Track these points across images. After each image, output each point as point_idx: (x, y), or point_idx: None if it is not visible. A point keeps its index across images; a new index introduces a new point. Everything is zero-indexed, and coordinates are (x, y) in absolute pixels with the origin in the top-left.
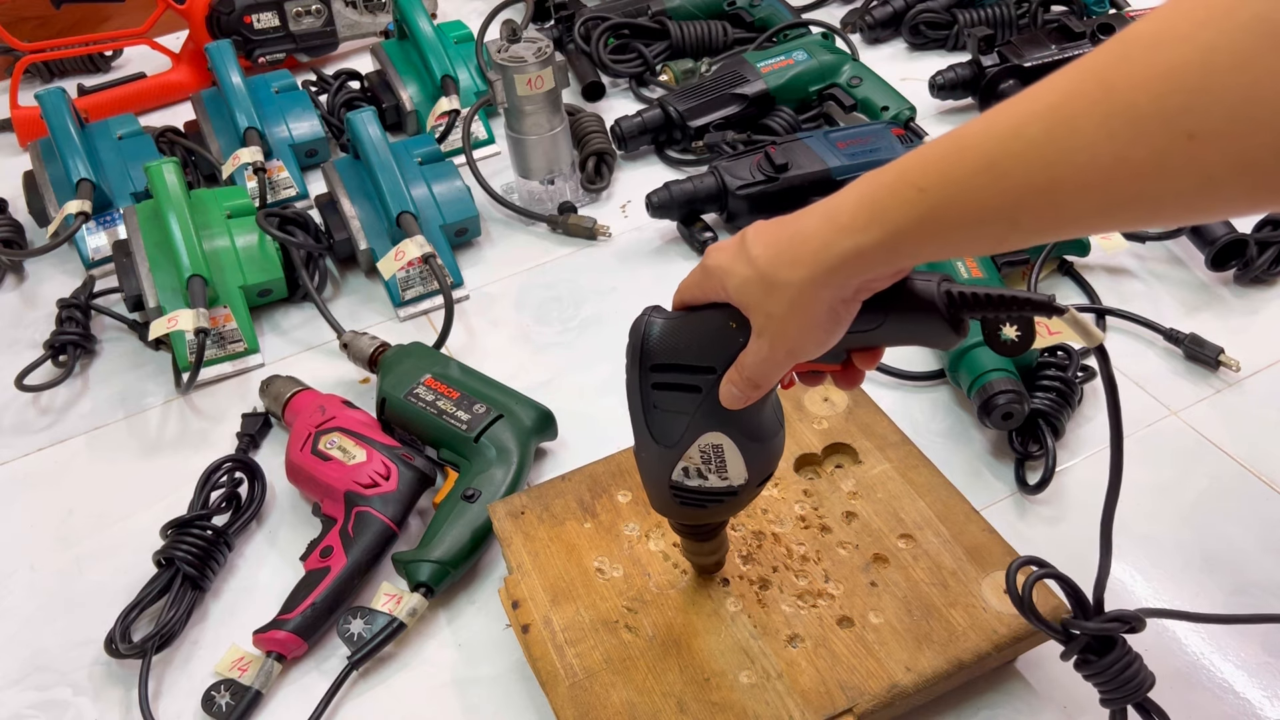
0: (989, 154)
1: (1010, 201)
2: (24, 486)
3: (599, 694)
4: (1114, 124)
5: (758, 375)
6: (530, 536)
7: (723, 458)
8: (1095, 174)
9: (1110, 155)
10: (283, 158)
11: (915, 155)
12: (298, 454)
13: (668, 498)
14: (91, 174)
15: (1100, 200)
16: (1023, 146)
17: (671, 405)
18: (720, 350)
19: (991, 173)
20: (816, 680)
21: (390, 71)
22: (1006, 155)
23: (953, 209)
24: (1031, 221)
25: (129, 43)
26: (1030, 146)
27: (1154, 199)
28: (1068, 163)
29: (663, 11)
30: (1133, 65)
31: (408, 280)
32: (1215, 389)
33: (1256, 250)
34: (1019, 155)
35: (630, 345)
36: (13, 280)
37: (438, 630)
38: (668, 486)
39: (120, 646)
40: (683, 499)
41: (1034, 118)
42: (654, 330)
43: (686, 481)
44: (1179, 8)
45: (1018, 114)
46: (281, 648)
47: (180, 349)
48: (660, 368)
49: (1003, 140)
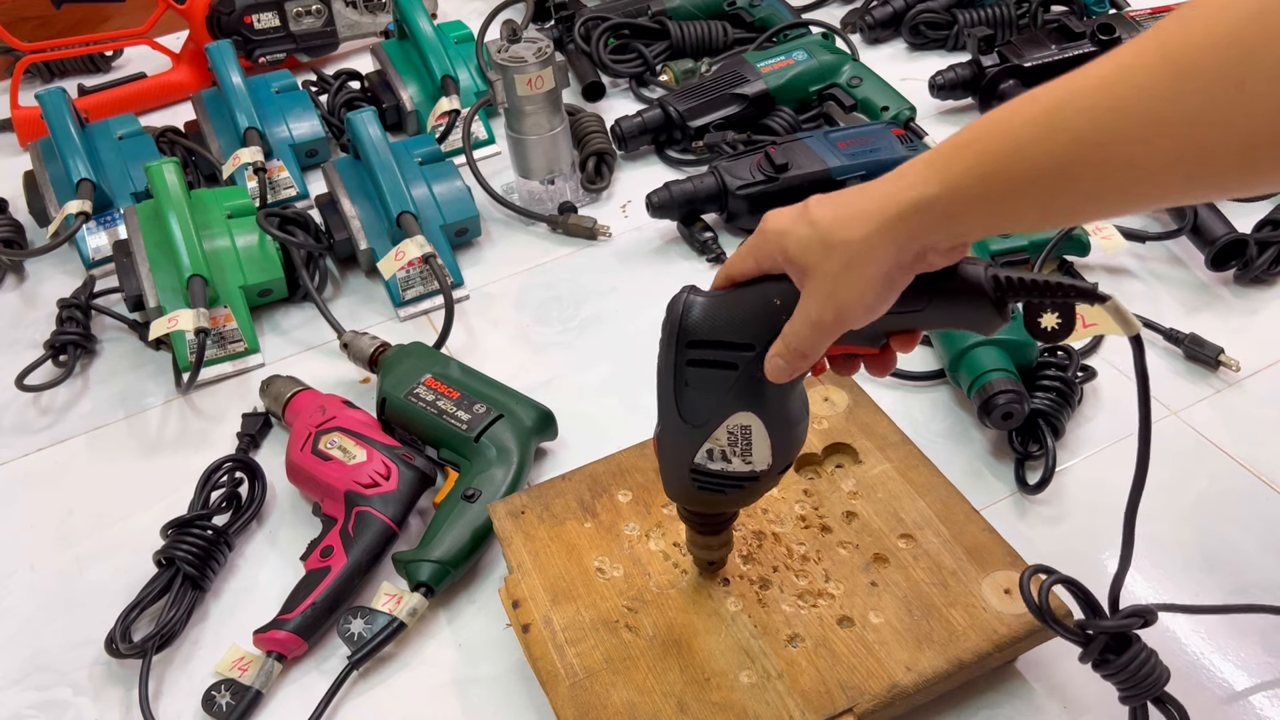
0: (1046, 113)
1: (1065, 158)
2: (24, 486)
3: (599, 694)
4: (1170, 76)
5: (805, 343)
6: (530, 536)
7: (749, 440)
8: (1149, 126)
9: (1165, 104)
10: (283, 158)
11: (978, 121)
12: (298, 454)
13: (687, 482)
14: (92, 174)
15: (1153, 156)
16: (1079, 103)
17: (705, 384)
18: (761, 327)
19: (1048, 128)
20: (817, 680)
21: (390, 71)
22: (1062, 112)
23: (1010, 166)
24: (1086, 180)
25: (129, 43)
26: (1086, 102)
27: (1204, 152)
28: (1123, 112)
29: (663, 11)
30: (1190, 28)
31: (408, 280)
32: (1215, 389)
33: (1256, 250)
34: (1075, 111)
35: (667, 322)
36: (13, 280)
37: (438, 630)
38: (689, 470)
39: (120, 646)
40: (702, 483)
41: (1090, 78)
42: (694, 307)
43: (709, 464)
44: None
45: (1074, 79)
46: (282, 647)
47: (180, 349)
48: (697, 344)
49: (1059, 101)
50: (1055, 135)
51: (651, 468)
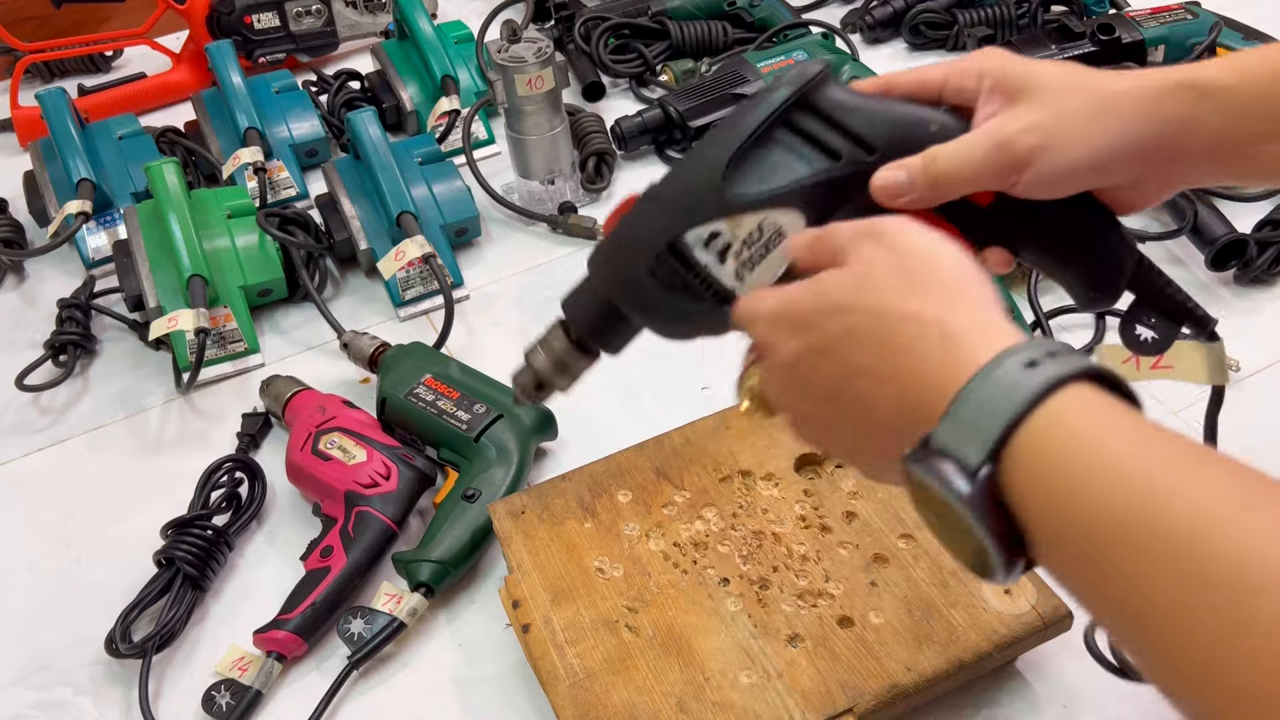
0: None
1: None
2: (24, 487)
3: (599, 694)
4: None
5: (955, 164)
6: (530, 536)
7: (767, 251)
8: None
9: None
10: (283, 158)
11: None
12: (298, 454)
13: (641, 263)
14: (92, 174)
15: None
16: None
17: (788, 155)
18: (898, 139)
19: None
20: (817, 680)
21: (390, 71)
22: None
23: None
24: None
25: (129, 43)
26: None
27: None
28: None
29: (663, 12)
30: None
31: (408, 280)
32: None
33: (1256, 250)
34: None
35: (794, 74)
36: (13, 280)
37: (438, 630)
38: (665, 243)
39: (120, 646)
40: (662, 272)
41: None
42: (832, 81)
43: (697, 251)
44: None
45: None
46: (282, 647)
47: (180, 349)
48: (816, 114)
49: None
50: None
51: (652, 468)
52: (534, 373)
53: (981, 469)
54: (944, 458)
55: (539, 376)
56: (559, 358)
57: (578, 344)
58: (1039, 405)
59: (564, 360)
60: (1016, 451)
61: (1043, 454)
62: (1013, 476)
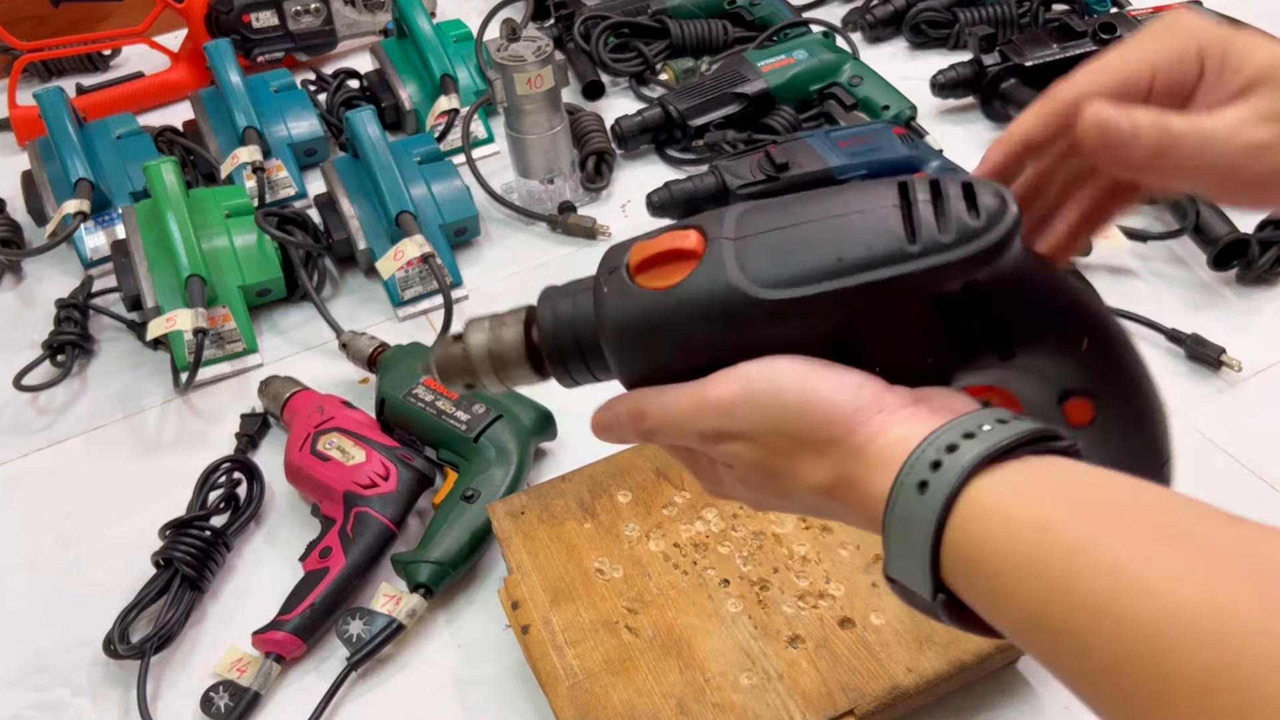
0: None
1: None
2: (22, 487)
3: (599, 695)
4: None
5: (1196, 143)
6: (530, 537)
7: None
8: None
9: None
10: (281, 157)
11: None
12: (296, 454)
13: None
14: (90, 173)
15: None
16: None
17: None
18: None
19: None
20: (818, 681)
21: (389, 70)
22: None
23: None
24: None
25: (127, 42)
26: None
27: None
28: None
29: (663, 10)
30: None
31: (407, 280)
32: (1217, 389)
33: (1258, 250)
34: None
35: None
36: (11, 280)
37: (437, 631)
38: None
39: (119, 647)
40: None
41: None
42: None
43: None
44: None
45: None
46: (280, 649)
47: (179, 349)
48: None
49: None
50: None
51: (653, 468)
52: (465, 354)
53: (936, 596)
54: (904, 586)
55: (467, 361)
56: (503, 354)
57: (531, 355)
58: (944, 534)
59: (506, 361)
60: (949, 573)
61: (964, 572)
62: (958, 589)
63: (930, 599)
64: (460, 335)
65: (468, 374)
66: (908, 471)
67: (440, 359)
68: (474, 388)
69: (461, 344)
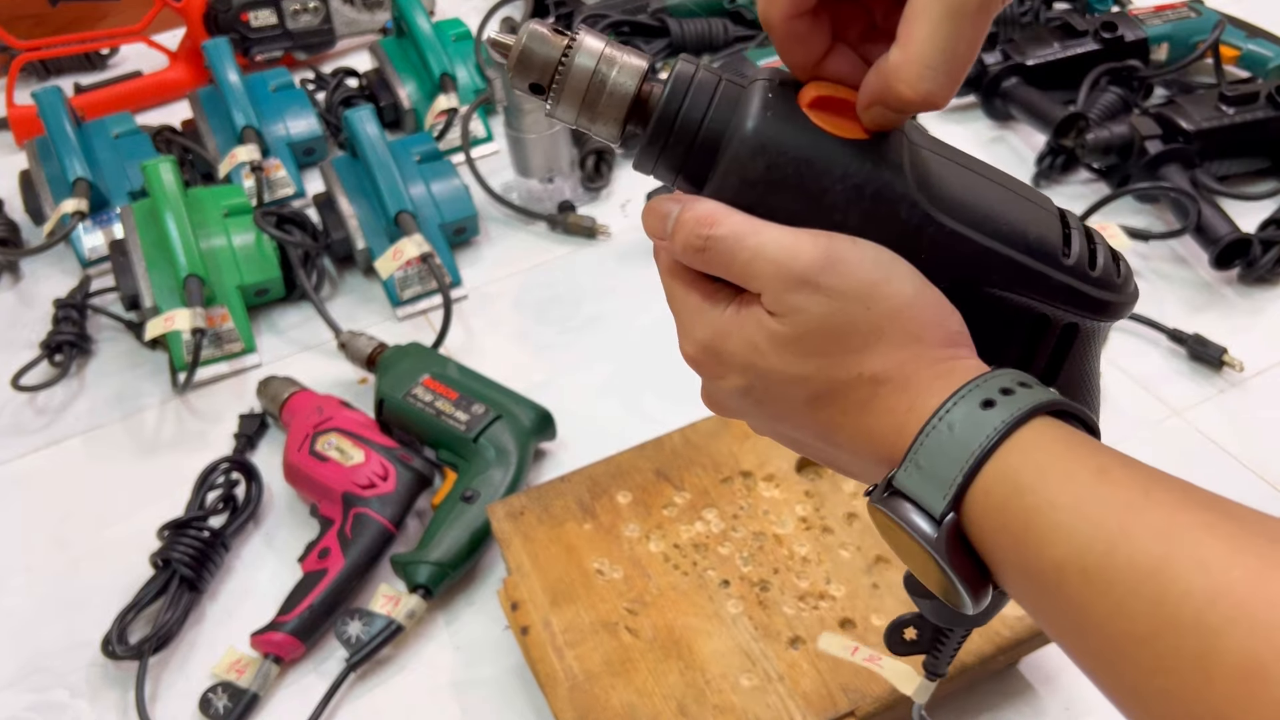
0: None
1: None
2: (20, 488)
3: (599, 696)
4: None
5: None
6: (529, 538)
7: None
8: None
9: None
10: (280, 156)
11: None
12: (295, 455)
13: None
14: (88, 173)
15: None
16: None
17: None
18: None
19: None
20: (818, 683)
21: (388, 69)
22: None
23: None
24: None
25: (125, 40)
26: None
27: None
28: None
29: (663, 9)
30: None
31: (406, 280)
32: (1219, 389)
33: (1260, 249)
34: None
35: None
36: (8, 280)
37: (436, 632)
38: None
39: (117, 648)
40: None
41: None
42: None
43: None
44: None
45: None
46: (279, 650)
47: (177, 349)
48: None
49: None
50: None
51: (652, 469)
52: (568, 58)
53: (946, 516)
54: (907, 500)
55: (562, 66)
56: (608, 83)
57: (634, 106)
58: (997, 449)
59: (604, 92)
60: (977, 494)
61: (1003, 496)
62: (973, 518)
63: (937, 518)
64: (567, 32)
65: (549, 78)
66: (975, 387)
67: (533, 48)
68: (537, 91)
69: (570, 44)
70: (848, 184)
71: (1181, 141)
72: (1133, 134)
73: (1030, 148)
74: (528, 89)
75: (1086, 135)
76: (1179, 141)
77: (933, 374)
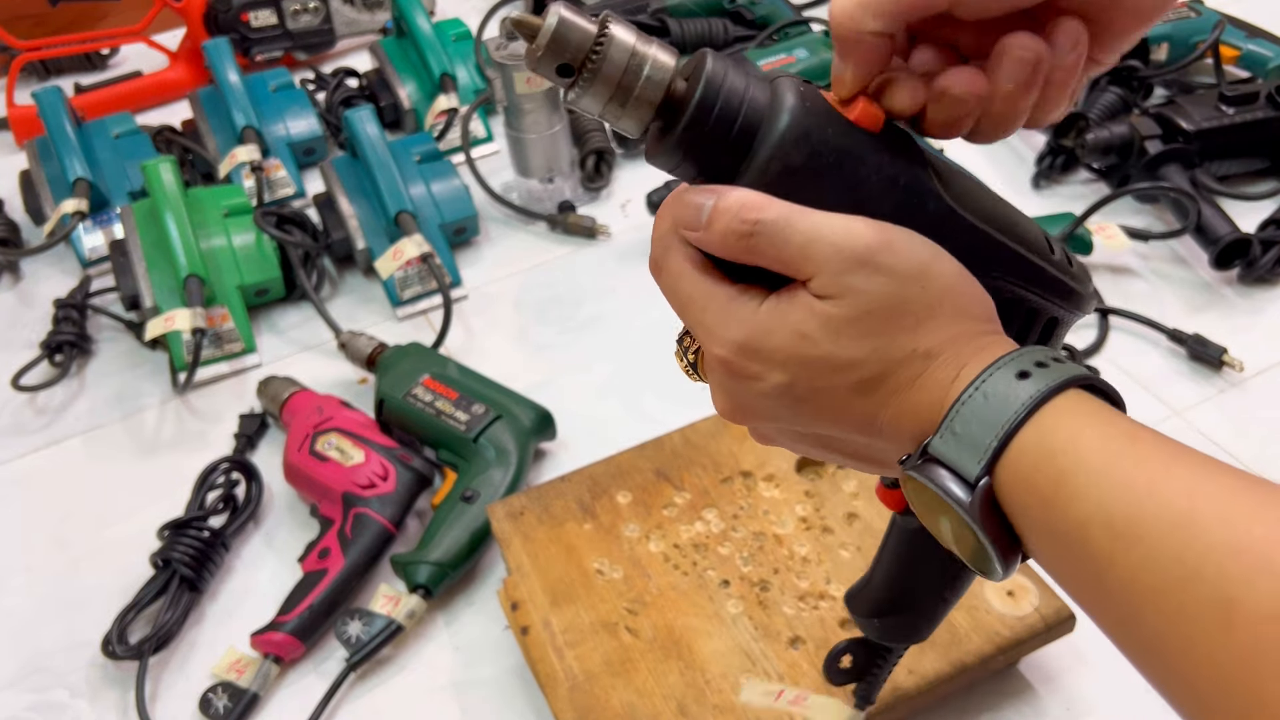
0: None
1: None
2: (20, 488)
3: (599, 696)
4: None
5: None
6: (529, 538)
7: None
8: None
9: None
10: (280, 156)
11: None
12: (295, 455)
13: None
14: (88, 173)
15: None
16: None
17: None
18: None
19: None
20: (818, 682)
21: (388, 69)
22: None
23: None
24: None
25: (126, 41)
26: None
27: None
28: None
29: (663, 9)
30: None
31: (406, 280)
32: (1219, 389)
33: (1260, 249)
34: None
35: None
36: (9, 280)
37: (436, 632)
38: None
39: (117, 648)
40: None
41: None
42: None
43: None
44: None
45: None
46: (279, 650)
47: (177, 349)
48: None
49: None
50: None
51: (653, 469)
52: (605, 47)
53: (980, 480)
54: (942, 466)
55: (595, 55)
56: (641, 73)
57: (665, 101)
58: (1032, 416)
59: (636, 82)
60: (1010, 459)
61: (1035, 460)
62: (1006, 482)
63: (971, 482)
64: (602, 17)
65: (581, 61)
66: (1008, 361)
67: (567, 28)
68: (565, 73)
69: (604, 33)
70: (883, 175)
71: (1181, 141)
72: (1133, 134)
73: (1030, 148)
74: (554, 72)
75: (1086, 135)
76: (1179, 141)
77: (974, 348)
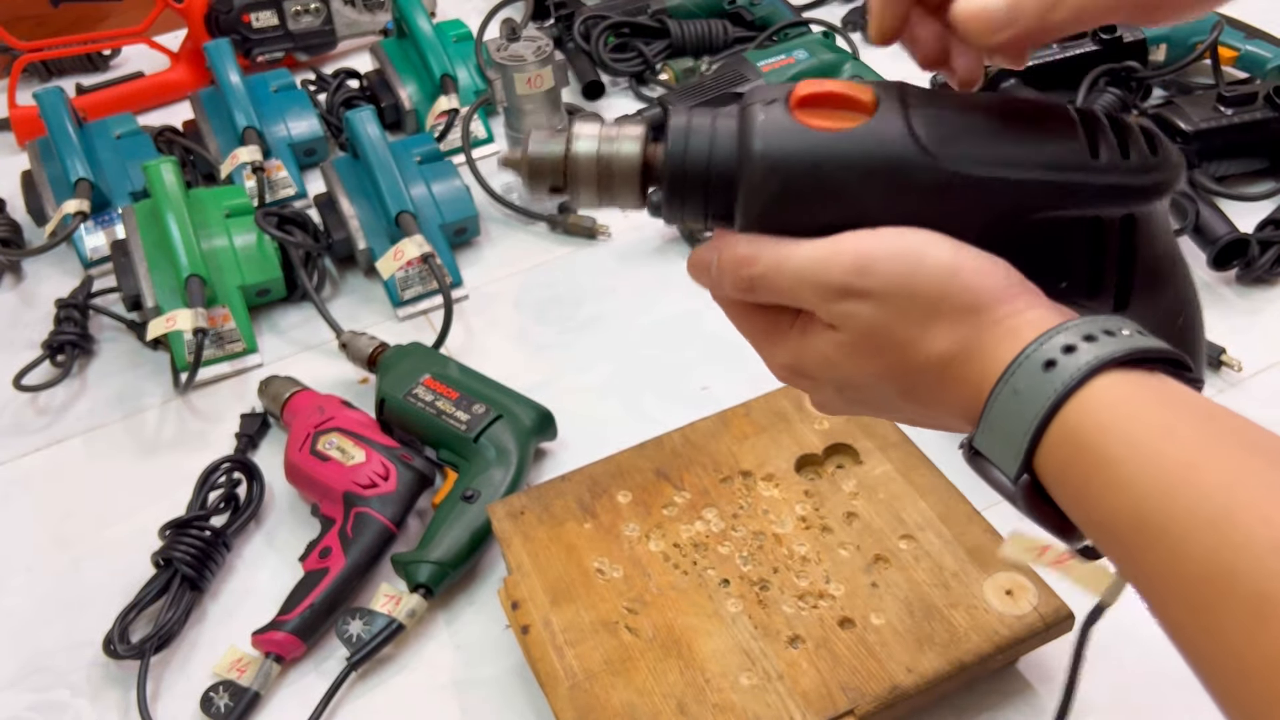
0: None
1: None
2: (21, 487)
3: (599, 695)
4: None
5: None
6: (530, 537)
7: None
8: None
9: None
10: (281, 157)
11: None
12: (296, 454)
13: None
14: (90, 173)
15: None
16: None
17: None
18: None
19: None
20: (818, 681)
21: (389, 70)
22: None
23: None
24: None
25: (127, 41)
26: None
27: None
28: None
29: (663, 10)
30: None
31: (406, 280)
32: (1217, 389)
33: (1258, 250)
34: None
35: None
36: (10, 280)
37: (437, 632)
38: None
39: (118, 648)
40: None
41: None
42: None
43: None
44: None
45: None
46: (280, 649)
47: (178, 349)
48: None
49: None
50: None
51: (652, 468)
52: (568, 156)
53: (1021, 477)
54: (988, 461)
55: (569, 164)
56: (614, 165)
57: (645, 174)
58: (1060, 410)
59: (615, 173)
60: (1044, 454)
61: (1067, 454)
62: (1045, 474)
63: (1013, 479)
64: (567, 131)
65: (561, 178)
66: (1036, 348)
67: (537, 156)
68: (561, 193)
69: (566, 144)
70: (858, 172)
71: (1180, 142)
72: None
73: None
74: (549, 193)
75: None
76: (1177, 142)
77: (996, 337)
